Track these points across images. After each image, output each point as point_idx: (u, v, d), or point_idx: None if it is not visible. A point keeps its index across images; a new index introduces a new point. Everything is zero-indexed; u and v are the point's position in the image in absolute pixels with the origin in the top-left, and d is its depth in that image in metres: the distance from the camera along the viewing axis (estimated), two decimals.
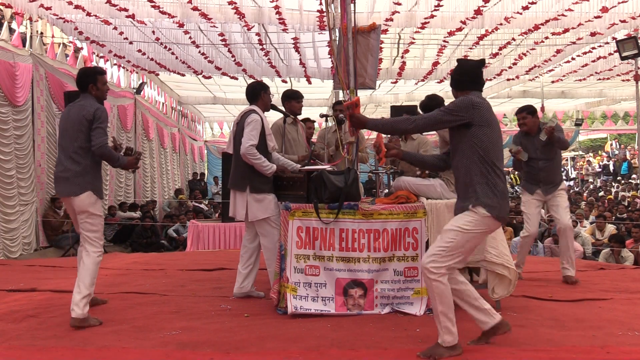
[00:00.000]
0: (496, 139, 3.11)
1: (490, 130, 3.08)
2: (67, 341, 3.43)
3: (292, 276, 4.08)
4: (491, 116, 3.11)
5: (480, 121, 3.06)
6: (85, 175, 3.98)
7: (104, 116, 4.06)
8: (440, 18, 8.31)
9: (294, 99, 5.28)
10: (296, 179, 4.37)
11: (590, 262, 7.46)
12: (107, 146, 4.01)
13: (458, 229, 3.08)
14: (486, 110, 3.10)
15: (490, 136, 3.07)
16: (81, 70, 4.54)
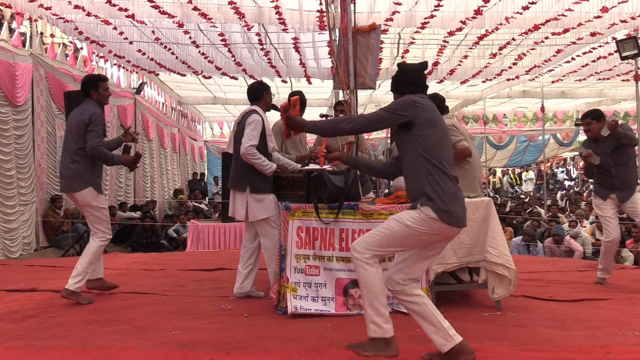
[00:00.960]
0: (441, 140, 2.96)
1: (435, 130, 2.94)
2: (67, 341, 3.43)
3: (292, 276, 4.08)
4: (434, 116, 2.98)
5: (423, 120, 2.94)
6: (84, 173, 4.46)
7: (98, 120, 4.49)
8: (440, 18, 8.31)
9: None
10: (296, 179, 4.37)
11: (590, 262, 7.46)
12: (99, 147, 4.44)
13: (400, 220, 2.95)
14: (429, 109, 2.98)
15: (434, 136, 2.94)
16: (85, 76, 4.95)
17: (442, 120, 3.03)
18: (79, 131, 4.46)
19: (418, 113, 2.95)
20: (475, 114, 20.16)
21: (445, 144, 2.99)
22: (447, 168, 2.95)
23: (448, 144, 3.02)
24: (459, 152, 4.27)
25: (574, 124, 19.21)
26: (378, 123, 3.04)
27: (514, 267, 4.15)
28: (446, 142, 3.00)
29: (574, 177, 24.41)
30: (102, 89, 4.66)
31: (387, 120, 3.01)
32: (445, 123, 3.07)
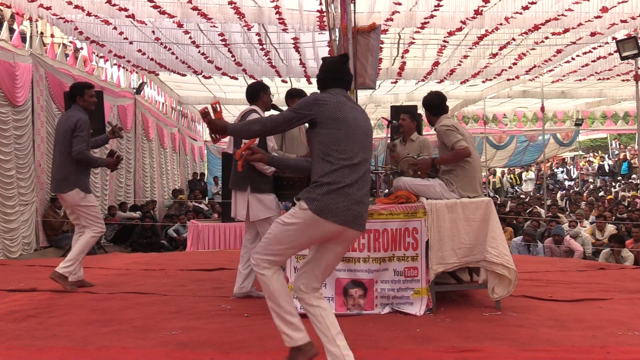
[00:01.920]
0: (343, 139, 2.81)
1: (336, 128, 2.81)
2: (67, 341, 3.43)
3: (292, 276, 4.08)
4: (338, 114, 2.83)
5: (324, 119, 2.83)
6: (71, 175, 4.83)
7: (84, 126, 4.81)
8: (440, 18, 8.31)
9: (297, 97, 5.28)
10: (296, 179, 4.37)
11: (590, 262, 7.46)
12: (85, 152, 4.80)
13: (280, 219, 2.88)
14: (333, 107, 2.84)
15: (336, 135, 2.80)
16: (72, 84, 5.32)
17: (348, 118, 2.85)
18: (66, 136, 4.82)
19: (320, 111, 2.85)
20: (475, 114, 20.17)
21: (350, 143, 2.82)
22: (344, 165, 2.79)
23: (351, 142, 2.83)
24: (457, 153, 4.26)
25: (574, 124, 19.30)
26: (283, 124, 2.96)
27: (514, 267, 4.15)
28: (349, 140, 2.82)
29: (574, 177, 24.41)
30: (87, 96, 4.96)
31: (291, 120, 2.93)
32: (357, 121, 2.88)
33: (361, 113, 2.97)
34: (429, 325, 3.77)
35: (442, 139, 4.36)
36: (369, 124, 3.01)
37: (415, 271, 4.11)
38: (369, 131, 2.98)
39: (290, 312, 2.84)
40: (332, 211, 2.74)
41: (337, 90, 2.98)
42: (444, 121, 4.42)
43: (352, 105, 2.97)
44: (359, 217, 2.83)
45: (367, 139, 2.94)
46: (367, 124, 2.96)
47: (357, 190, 2.81)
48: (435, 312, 4.08)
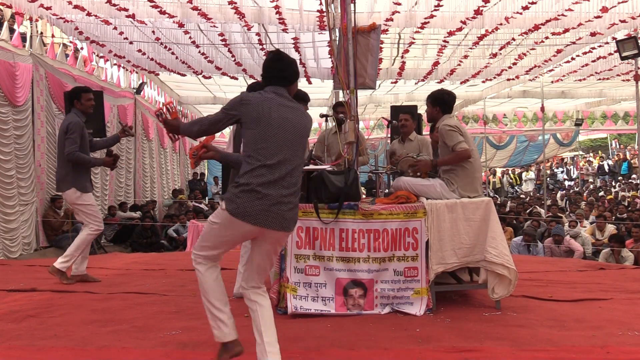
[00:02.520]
0: (260, 137, 2.82)
1: (258, 127, 2.83)
2: (67, 341, 3.43)
3: (292, 276, 4.08)
4: (260, 113, 2.85)
5: (248, 118, 2.86)
6: (67, 176, 5.09)
7: (75, 129, 5.05)
8: (440, 18, 8.31)
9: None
10: None
11: (590, 262, 7.46)
12: (76, 153, 5.02)
13: (209, 219, 2.98)
14: (255, 106, 2.86)
15: (256, 134, 2.82)
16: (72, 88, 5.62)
17: (271, 117, 2.85)
18: (61, 138, 5.14)
19: (243, 112, 2.88)
20: (475, 114, 20.16)
21: (268, 142, 2.82)
22: (262, 164, 2.80)
23: (274, 142, 2.83)
24: (457, 154, 4.26)
25: (574, 124, 19.30)
26: (216, 124, 2.99)
27: (514, 267, 4.15)
28: (270, 140, 2.83)
29: (574, 177, 24.41)
30: (84, 99, 5.21)
31: (222, 120, 2.97)
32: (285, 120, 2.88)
33: (294, 111, 2.95)
34: (429, 325, 3.77)
35: (444, 138, 4.36)
36: (303, 122, 2.97)
37: (415, 271, 4.11)
38: (302, 130, 2.95)
39: (218, 308, 2.92)
40: (247, 212, 2.77)
41: (272, 89, 2.97)
42: (446, 121, 4.41)
43: (285, 103, 2.94)
44: (280, 217, 2.82)
45: (296, 138, 2.91)
46: (299, 122, 2.94)
47: (276, 190, 2.81)
48: (435, 312, 4.08)
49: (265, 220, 2.79)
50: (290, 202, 2.87)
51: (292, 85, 3.04)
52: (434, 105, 4.51)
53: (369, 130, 21.27)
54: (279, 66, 3.01)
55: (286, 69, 3.01)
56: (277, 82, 2.99)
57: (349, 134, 4.65)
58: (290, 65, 3.04)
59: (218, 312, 2.92)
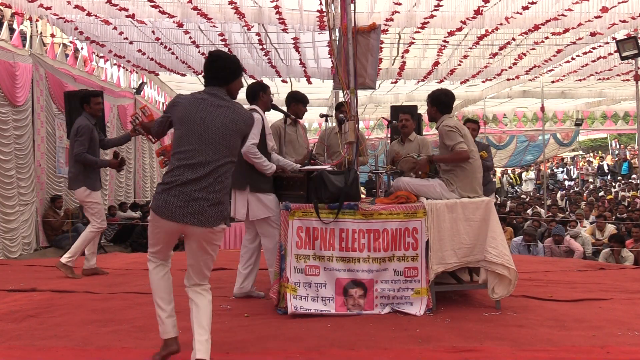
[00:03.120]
0: (182, 137, 2.92)
1: (182, 127, 2.93)
2: (67, 341, 3.43)
3: (292, 276, 4.08)
4: (185, 114, 2.94)
5: (175, 119, 2.98)
6: (79, 175, 5.40)
7: (84, 131, 5.37)
8: (440, 18, 8.31)
9: (301, 103, 5.33)
10: (296, 179, 4.37)
11: (590, 262, 7.46)
12: (84, 155, 5.34)
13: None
14: (182, 107, 2.97)
15: (179, 134, 2.93)
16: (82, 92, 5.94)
17: (201, 118, 2.93)
18: (72, 140, 5.48)
19: (173, 113, 3.00)
20: (475, 114, 20.15)
21: (189, 142, 2.91)
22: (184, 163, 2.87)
23: (195, 142, 2.90)
24: (456, 154, 4.27)
25: (574, 124, 19.30)
26: (160, 126, 3.17)
27: (514, 267, 4.15)
28: (191, 140, 2.90)
29: (574, 177, 24.42)
30: (93, 103, 5.52)
31: (162, 122, 3.12)
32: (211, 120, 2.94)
33: (223, 110, 2.98)
34: (429, 325, 3.77)
35: (443, 139, 4.36)
36: (234, 120, 2.98)
37: (415, 271, 4.11)
38: (230, 128, 2.96)
39: (160, 306, 3.03)
40: (165, 209, 2.86)
41: (208, 89, 3.05)
42: (446, 121, 4.42)
43: (216, 103, 2.99)
44: (198, 213, 2.86)
45: (222, 137, 2.94)
46: (229, 121, 2.96)
47: (196, 188, 2.86)
48: (435, 312, 4.08)
49: (183, 216, 2.85)
50: (210, 198, 2.90)
51: (231, 84, 3.09)
52: (432, 105, 4.53)
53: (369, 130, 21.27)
54: (214, 67, 3.07)
55: (222, 70, 3.06)
56: (214, 83, 3.06)
57: (349, 134, 4.65)
58: (227, 65, 3.08)
59: (159, 309, 3.04)
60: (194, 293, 2.99)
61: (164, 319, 3.02)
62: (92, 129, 5.44)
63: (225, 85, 3.06)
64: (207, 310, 2.96)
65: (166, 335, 3.03)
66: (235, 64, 3.10)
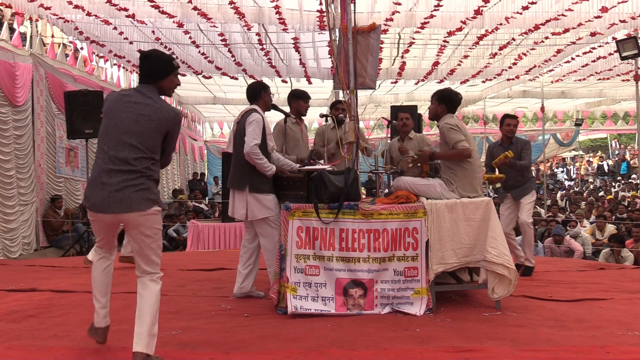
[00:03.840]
0: (102, 132, 3.06)
1: (105, 123, 3.07)
2: (67, 341, 3.43)
3: (292, 276, 4.08)
4: (110, 109, 3.07)
5: (104, 113, 3.11)
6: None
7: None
8: (440, 18, 8.31)
9: (301, 99, 5.32)
10: (296, 179, 4.37)
11: (590, 262, 7.46)
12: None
13: None
14: (109, 103, 3.11)
15: (102, 127, 3.07)
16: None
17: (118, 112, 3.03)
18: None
19: (104, 108, 3.14)
20: (475, 114, 20.17)
21: (107, 136, 3.02)
22: (105, 157, 2.99)
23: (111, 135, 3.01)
24: (458, 152, 4.28)
25: (574, 124, 19.29)
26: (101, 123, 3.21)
27: (514, 267, 4.15)
28: (109, 134, 3.02)
29: (574, 177, 24.41)
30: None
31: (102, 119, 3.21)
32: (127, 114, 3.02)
33: (144, 107, 3.03)
34: (429, 325, 3.77)
35: (445, 136, 4.37)
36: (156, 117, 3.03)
37: (415, 271, 4.11)
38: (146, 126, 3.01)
39: (96, 297, 3.20)
40: (94, 202, 2.99)
41: (138, 87, 3.15)
42: (448, 119, 4.43)
43: (139, 100, 3.06)
44: (125, 200, 2.94)
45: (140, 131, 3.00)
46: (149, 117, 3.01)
47: (118, 179, 2.95)
48: (435, 312, 4.08)
49: (111, 206, 2.95)
50: (135, 184, 2.97)
51: (162, 82, 3.14)
52: (439, 103, 4.51)
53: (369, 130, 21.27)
54: (144, 65, 3.15)
55: (150, 68, 3.13)
56: (144, 80, 3.15)
57: (349, 134, 4.65)
58: (157, 62, 3.14)
59: (95, 300, 3.20)
60: (141, 283, 3.05)
61: (97, 309, 3.18)
62: None
63: (155, 83, 3.14)
64: (150, 301, 3.00)
65: (97, 325, 3.20)
66: (165, 62, 3.16)
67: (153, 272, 3.06)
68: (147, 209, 2.98)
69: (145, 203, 2.97)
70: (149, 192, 3.00)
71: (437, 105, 4.52)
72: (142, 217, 2.97)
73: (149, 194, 2.99)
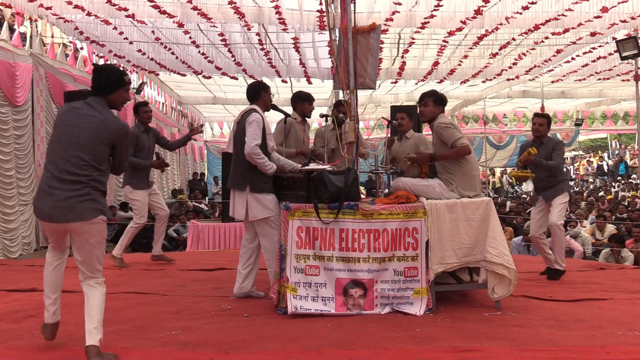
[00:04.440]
0: (52, 142, 3.15)
1: (54, 132, 3.17)
2: (67, 341, 3.43)
3: (292, 276, 4.08)
4: (59, 121, 3.17)
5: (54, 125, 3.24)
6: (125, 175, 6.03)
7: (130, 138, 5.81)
8: (440, 18, 8.31)
9: (306, 101, 5.38)
10: (296, 179, 4.36)
11: (590, 262, 7.46)
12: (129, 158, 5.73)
13: None
14: (60, 114, 3.22)
15: (51, 140, 3.17)
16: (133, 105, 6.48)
17: (64, 124, 3.12)
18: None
19: (55, 119, 3.28)
20: (475, 114, 20.17)
21: (53, 147, 3.12)
22: (53, 167, 3.08)
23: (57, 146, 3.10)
24: (458, 150, 4.28)
25: (574, 124, 19.30)
26: None
27: (514, 267, 4.15)
28: (55, 145, 3.11)
29: (573, 177, 24.40)
30: (141, 112, 6.08)
31: None
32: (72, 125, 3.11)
33: (89, 119, 3.12)
34: (429, 325, 3.77)
35: (441, 136, 4.37)
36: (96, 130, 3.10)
37: (415, 271, 4.11)
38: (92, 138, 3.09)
39: (46, 294, 3.34)
40: (41, 212, 3.12)
41: (89, 99, 3.22)
42: (441, 119, 4.44)
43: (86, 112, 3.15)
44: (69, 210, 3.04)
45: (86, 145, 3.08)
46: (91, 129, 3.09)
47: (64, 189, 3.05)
48: (435, 312, 4.08)
49: (57, 216, 3.06)
50: (80, 194, 3.07)
51: (111, 95, 3.23)
52: (436, 105, 4.52)
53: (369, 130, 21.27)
54: (94, 78, 3.25)
55: (101, 81, 3.23)
56: (94, 93, 3.24)
57: (349, 134, 4.65)
58: (105, 77, 3.23)
59: (45, 297, 3.32)
60: (87, 286, 3.21)
61: (47, 306, 3.29)
62: (137, 135, 5.92)
63: (104, 96, 3.22)
64: (98, 301, 3.19)
65: (46, 320, 3.30)
66: (115, 76, 3.24)
67: (97, 276, 3.24)
68: (92, 218, 3.10)
69: (90, 212, 3.08)
70: (94, 202, 3.12)
71: (435, 107, 4.53)
72: (87, 225, 3.09)
73: (94, 203, 3.11)
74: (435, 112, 4.52)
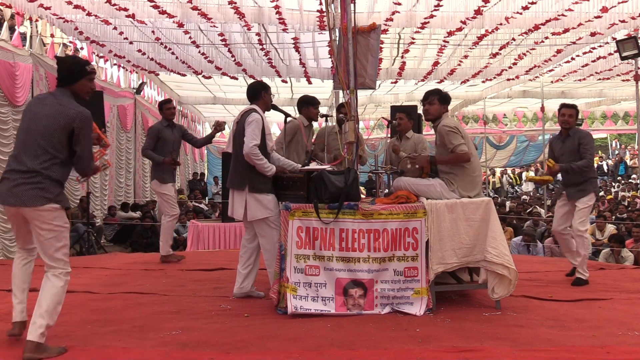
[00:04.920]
0: (18, 130, 3.32)
1: (20, 123, 3.32)
2: (67, 341, 3.42)
3: (292, 276, 4.08)
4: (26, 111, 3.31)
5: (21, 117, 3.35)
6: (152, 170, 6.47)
7: (150, 133, 6.39)
8: (440, 18, 8.31)
9: (312, 105, 5.44)
10: (296, 179, 4.36)
11: (590, 262, 7.44)
12: (144, 151, 6.34)
13: None
14: (27, 106, 3.35)
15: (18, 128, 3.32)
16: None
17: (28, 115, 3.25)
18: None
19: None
20: (475, 114, 20.17)
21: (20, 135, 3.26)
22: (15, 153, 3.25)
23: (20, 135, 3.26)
24: (457, 156, 4.27)
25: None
26: None
27: (514, 267, 4.15)
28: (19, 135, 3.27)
29: None
30: (165, 109, 6.36)
31: None
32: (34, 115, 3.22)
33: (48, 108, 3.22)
34: (429, 325, 3.77)
35: (443, 139, 4.36)
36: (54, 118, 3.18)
37: (415, 271, 4.11)
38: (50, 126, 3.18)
39: (14, 292, 3.38)
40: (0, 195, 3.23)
41: (54, 90, 3.34)
42: (445, 121, 4.42)
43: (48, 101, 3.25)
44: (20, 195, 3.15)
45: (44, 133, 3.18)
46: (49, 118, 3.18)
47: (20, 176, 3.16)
48: (435, 312, 4.08)
49: (6, 199, 3.20)
50: (33, 182, 3.16)
51: (74, 85, 3.31)
52: (442, 104, 4.51)
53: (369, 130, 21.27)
54: (57, 69, 3.33)
55: (63, 71, 3.31)
56: (59, 84, 3.32)
57: (349, 134, 4.65)
58: (66, 67, 3.31)
59: (13, 295, 3.37)
60: (45, 278, 3.22)
61: (15, 304, 3.34)
62: (160, 130, 6.20)
63: (67, 86, 3.30)
64: (48, 294, 3.15)
65: (14, 318, 3.34)
66: (76, 66, 3.32)
67: (57, 267, 3.22)
68: (40, 205, 3.15)
69: (37, 200, 3.15)
70: (43, 191, 3.16)
71: (440, 106, 4.51)
72: (34, 212, 3.16)
73: (42, 192, 3.16)
74: (440, 111, 4.51)
